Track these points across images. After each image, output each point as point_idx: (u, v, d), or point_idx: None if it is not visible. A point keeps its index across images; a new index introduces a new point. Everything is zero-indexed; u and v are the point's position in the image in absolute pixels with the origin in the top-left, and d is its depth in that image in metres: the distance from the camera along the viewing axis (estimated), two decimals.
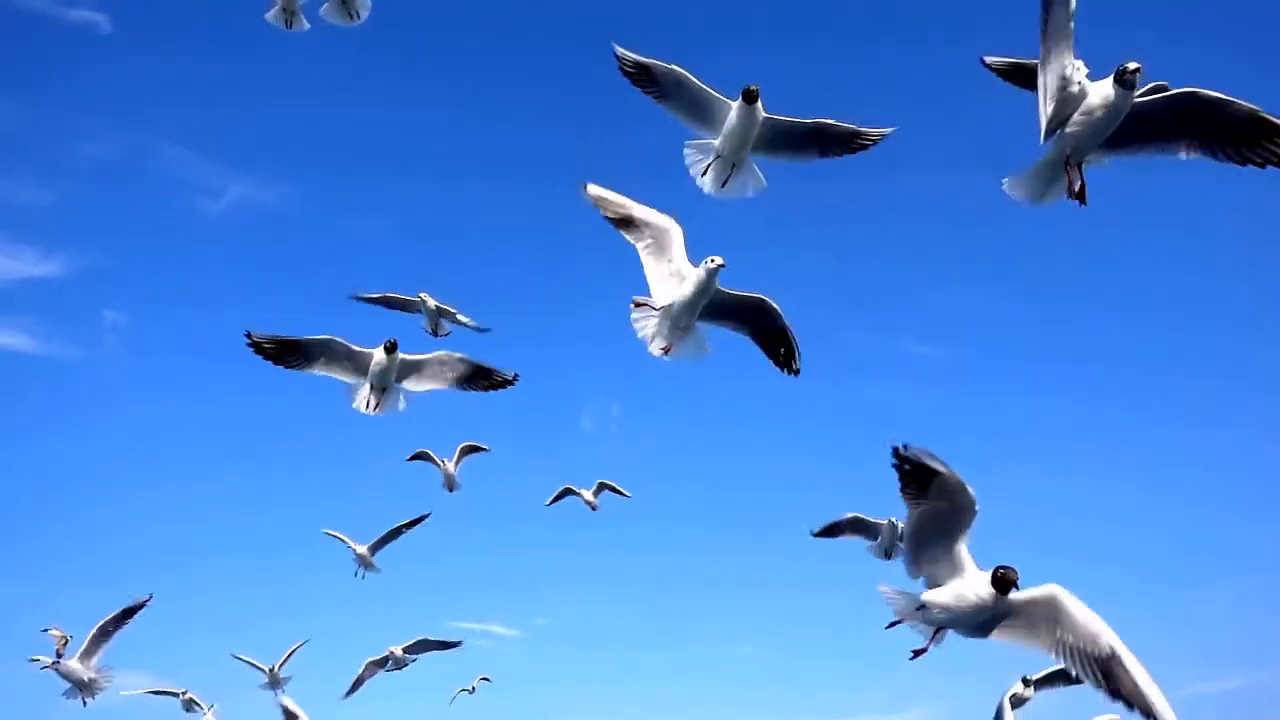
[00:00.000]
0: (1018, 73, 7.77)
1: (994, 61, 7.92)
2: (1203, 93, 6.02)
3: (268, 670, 16.74)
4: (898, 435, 5.77)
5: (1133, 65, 5.95)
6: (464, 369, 9.41)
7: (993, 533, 5.88)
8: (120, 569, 22.84)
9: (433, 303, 13.27)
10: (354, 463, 23.67)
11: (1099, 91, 6.14)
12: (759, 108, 7.55)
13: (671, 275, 7.83)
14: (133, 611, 12.53)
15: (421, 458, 16.11)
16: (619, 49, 7.83)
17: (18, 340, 26.20)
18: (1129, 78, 5.99)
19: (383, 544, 15.86)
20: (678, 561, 26.01)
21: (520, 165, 31.40)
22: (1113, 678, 5.05)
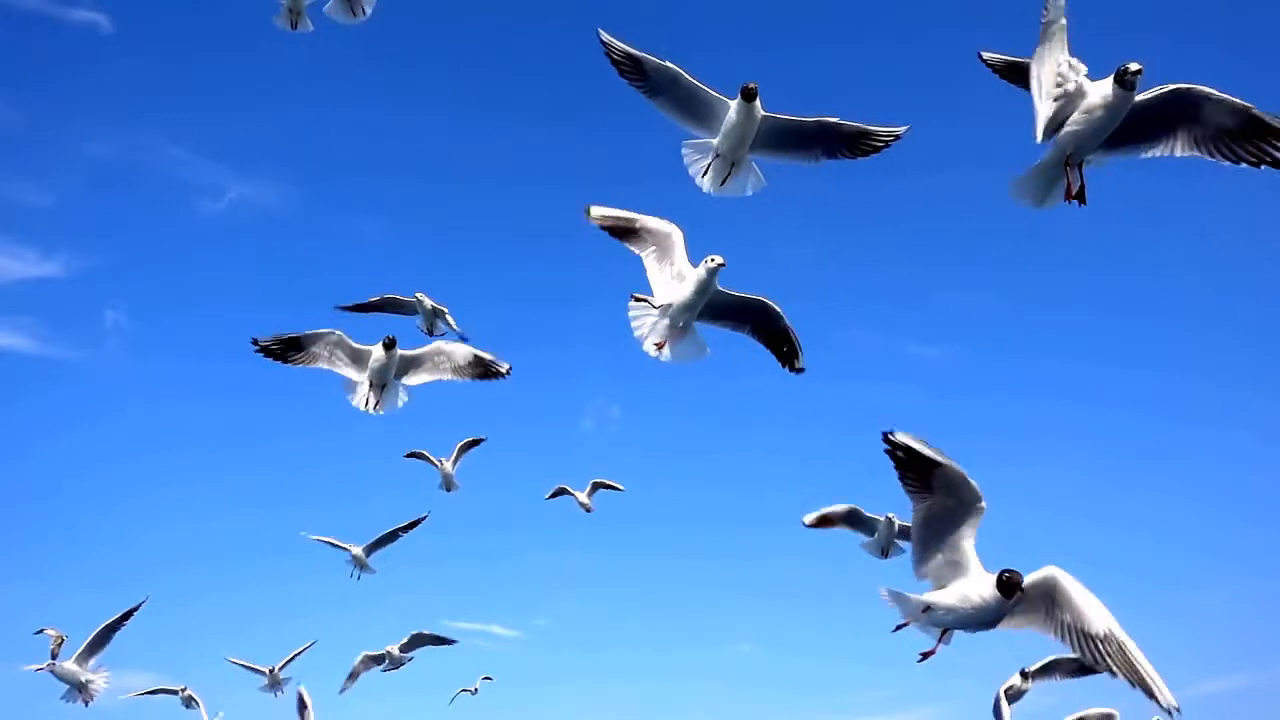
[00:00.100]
0: (1014, 71, 7.72)
1: (991, 58, 7.88)
2: (1196, 88, 5.96)
3: (268, 671, 16.71)
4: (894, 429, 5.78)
5: (1134, 66, 5.86)
6: (462, 357, 9.70)
7: (992, 533, 5.87)
8: (121, 569, 22.90)
9: (429, 303, 13.31)
10: (355, 463, 23.74)
11: (1099, 91, 6.07)
12: (758, 106, 7.45)
13: (674, 278, 7.87)
14: (130, 614, 12.52)
15: (418, 457, 16.07)
16: (605, 35, 7.59)
17: (18, 341, 26.16)
18: (1130, 79, 5.91)
19: (379, 545, 15.80)
20: (678, 562, 26.07)
21: (520, 166, 31.42)
22: (1110, 655, 5.23)
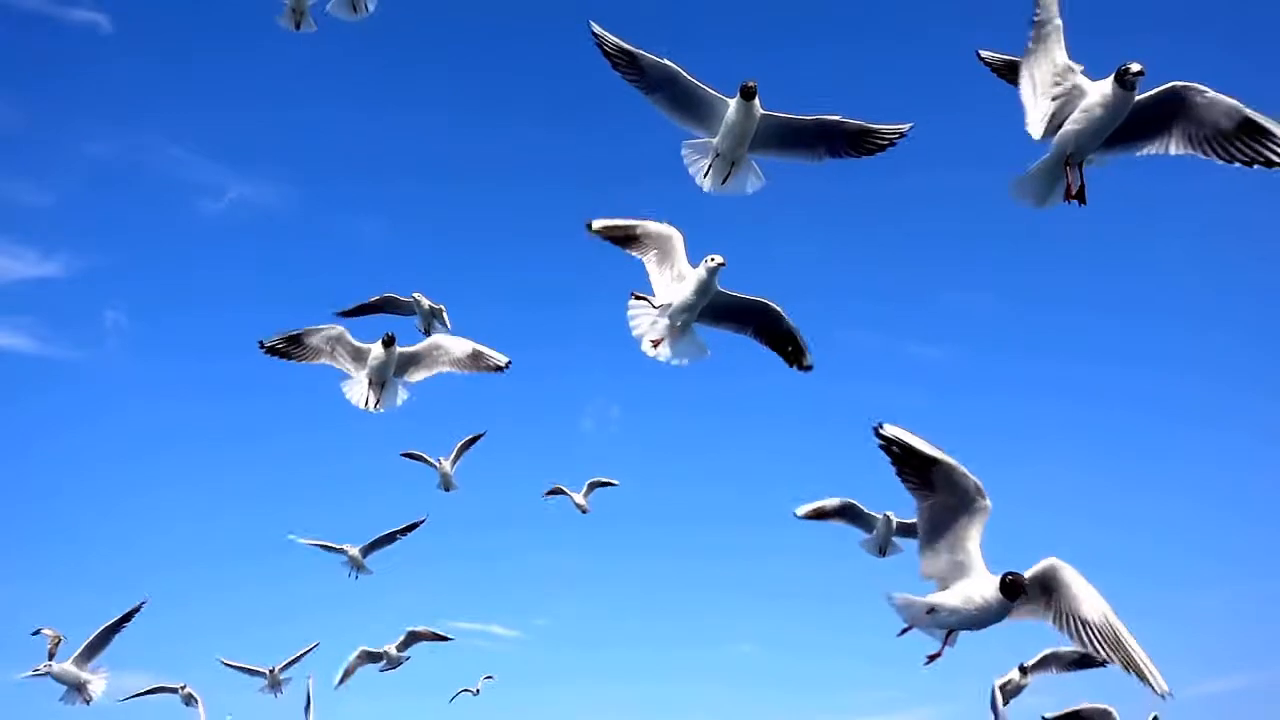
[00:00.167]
0: (1013, 70, 7.69)
1: (990, 57, 7.87)
2: (1191, 87, 5.94)
3: (267, 672, 16.70)
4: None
5: (1135, 67, 5.84)
6: (461, 350, 9.74)
7: (992, 532, 5.87)
8: (120, 569, 22.87)
9: (427, 303, 13.45)
10: (355, 463, 23.73)
11: (1099, 90, 6.07)
12: (757, 104, 7.42)
13: (675, 280, 7.88)
14: (130, 616, 12.50)
15: (414, 458, 16.01)
16: (596, 28, 7.46)
17: (18, 341, 26.16)
18: (1131, 79, 5.89)
19: (376, 547, 15.75)
20: (678, 561, 26.11)
21: (520, 166, 31.43)
22: (1105, 640, 5.33)
